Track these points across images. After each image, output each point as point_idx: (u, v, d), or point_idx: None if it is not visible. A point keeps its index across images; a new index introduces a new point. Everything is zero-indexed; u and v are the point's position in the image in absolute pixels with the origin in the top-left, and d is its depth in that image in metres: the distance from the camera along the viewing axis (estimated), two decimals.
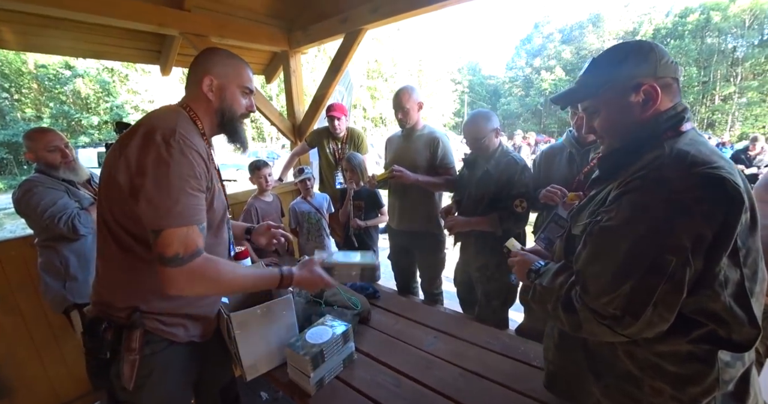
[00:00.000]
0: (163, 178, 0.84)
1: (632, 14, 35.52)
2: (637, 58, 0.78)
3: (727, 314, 0.67)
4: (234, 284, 0.98)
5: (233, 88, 1.04)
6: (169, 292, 0.88)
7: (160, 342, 0.99)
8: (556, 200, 1.42)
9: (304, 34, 2.76)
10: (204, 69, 1.01)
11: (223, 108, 1.04)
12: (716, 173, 0.65)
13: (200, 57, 1.05)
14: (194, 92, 1.02)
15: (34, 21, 2.10)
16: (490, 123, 1.67)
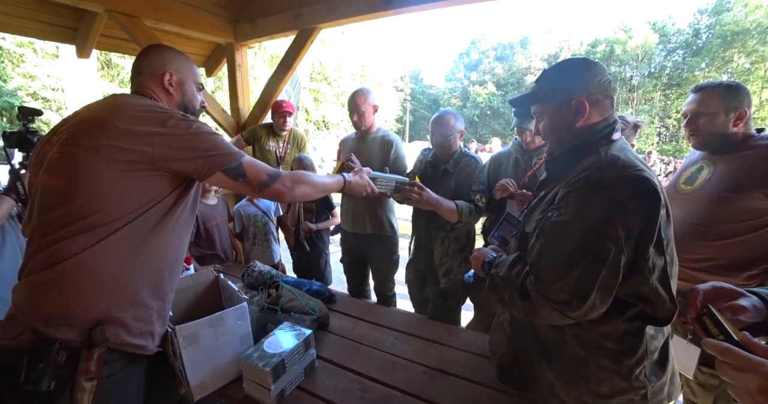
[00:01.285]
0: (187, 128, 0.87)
1: (554, 39, 40.01)
2: (575, 76, 0.90)
3: (654, 295, 0.80)
4: (321, 182, 1.17)
5: (191, 84, 1.06)
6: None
7: (118, 360, 0.87)
8: (510, 189, 1.54)
9: (252, 27, 2.62)
10: (162, 64, 1.00)
11: (186, 103, 1.06)
12: (642, 174, 0.78)
13: (153, 52, 1.04)
14: (154, 86, 1.00)
15: None
16: (459, 124, 1.72)
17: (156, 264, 0.92)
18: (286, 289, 1.41)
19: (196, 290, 1.35)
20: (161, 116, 0.87)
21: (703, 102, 1.31)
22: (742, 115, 1.27)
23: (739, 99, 1.27)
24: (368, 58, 30.58)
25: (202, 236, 2.10)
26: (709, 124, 1.30)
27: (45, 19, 2.31)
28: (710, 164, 1.36)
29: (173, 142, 0.85)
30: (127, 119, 0.83)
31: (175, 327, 0.98)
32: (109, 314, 0.83)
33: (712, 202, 1.30)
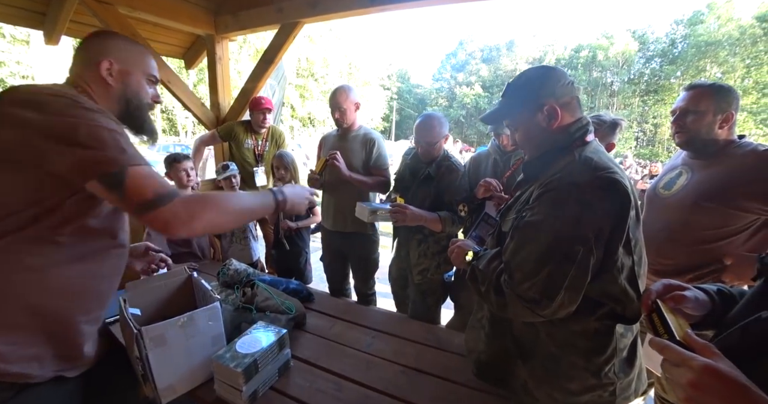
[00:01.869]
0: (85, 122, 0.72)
1: (539, 43, 40.76)
2: (540, 84, 0.92)
3: (623, 294, 0.82)
4: (239, 206, 0.89)
5: (138, 75, 0.96)
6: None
7: (4, 389, 0.75)
8: (494, 188, 1.51)
9: (233, 19, 2.55)
10: (100, 51, 0.91)
11: (129, 96, 0.95)
12: (613, 176, 0.79)
13: (94, 38, 0.95)
14: (88, 75, 0.90)
15: None
16: (444, 129, 1.71)
17: (44, 295, 0.78)
18: (262, 288, 1.38)
19: (167, 290, 1.30)
20: (49, 99, 0.73)
21: (694, 100, 1.30)
22: (729, 118, 1.27)
23: (728, 101, 1.27)
24: (356, 55, 30.39)
25: None
26: (696, 122, 1.30)
27: (11, 2, 2.18)
28: (689, 170, 1.38)
29: (50, 130, 0.70)
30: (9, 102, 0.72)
31: (141, 328, 0.94)
32: None
33: (685, 208, 1.32)
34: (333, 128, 2.24)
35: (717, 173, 1.28)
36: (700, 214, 1.29)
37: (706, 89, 1.29)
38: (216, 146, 2.86)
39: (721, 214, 1.26)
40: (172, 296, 1.31)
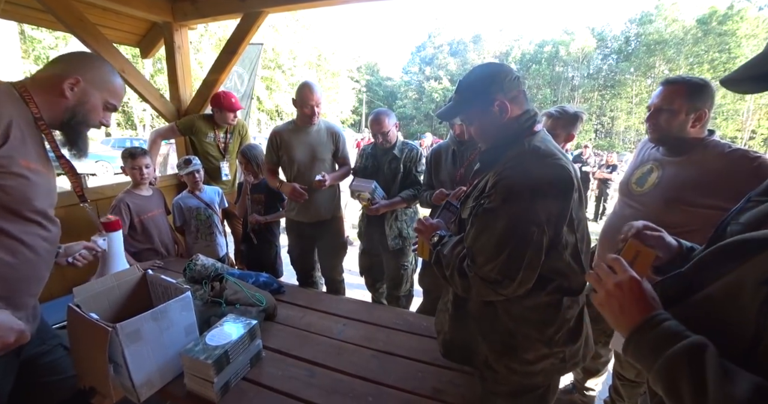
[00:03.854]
0: None
1: (506, 38, 41.76)
2: (490, 80, 0.97)
3: (568, 268, 0.90)
4: None
5: (97, 99, 1.05)
6: None
7: None
8: (445, 195, 1.69)
9: (193, 7, 2.44)
10: (77, 68, 1.01)
11: (77, 110, 1.03)
12: (559, 163, 0.87)
13: (79, 55, 1.06)
14: (47, 82, 0.99)
15: None
16: (392, 119, 2.04)
17: None
18: (231, 281, 1.38)
19: (121, 291, 1.24)
20: None
21: (668, 98, 1.27)
22: (702, 117, 1.25)
23: (702, 100, 1.24)
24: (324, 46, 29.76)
25: (137, 229, 1.95)
26: (669, 121, 1.28)
27: None
28: (660, 166, 1.37)
29: None
30: None
31: (116, 326, 0.92)
32: None
33: (659, 207, 1.32)
34: (286, 121, 2.21)
35: (687, 173, 1.29)
36: (671, 212, 1.29)
37: (680, 86, 1.26)
38: (178, 140, 2.75)
39: (691, 213, 1.26)
40: (128, 299, 1.26)
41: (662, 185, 1.34)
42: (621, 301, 0.58)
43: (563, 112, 1.80)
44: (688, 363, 0.47)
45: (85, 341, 1.00)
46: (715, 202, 1.19)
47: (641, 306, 0.56)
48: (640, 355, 0.54)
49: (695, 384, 0.45)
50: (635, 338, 0.55)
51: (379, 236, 2.09)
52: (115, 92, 1.09)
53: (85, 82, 1.01)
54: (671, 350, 0.49)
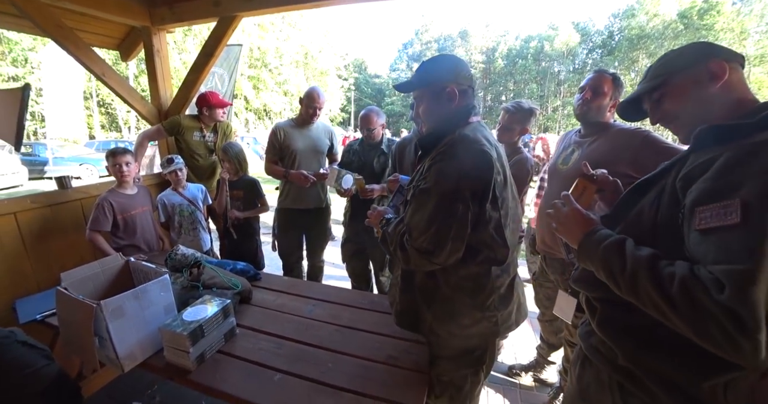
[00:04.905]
0: None
1: (492, 34, 42.00)
2: (448, 68, 1.11)
3: (492, 240, 1.04)
4: None
5: None
6: None
7: None
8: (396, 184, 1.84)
9: (170, 11, 2.53)
10: None
11: None
12: (481, 148, 1.00)
13: None
14: None
15: None
16: (381, 118, 2.27)
17: None
18: (209, 268, 1.50)
19: (106, 277, 1.38)
20: None
21: (599, 83, 1.53)
22: (616, 103, 1.53)
23: (619, 91, 1.54)
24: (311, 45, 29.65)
25: (119, 226, 2.06)
26: (598, 101, 1.53)
27: None
28: (579, 146, 1.64)
29: None
30: None
31: (101, 302, 1.04)
32: None
33: None
34: (286, 119, 2.55)
35: (599, 147, 1.55)
36: None
37: (608, 77, 1.54)
38: (161, 141, 2.84)
39: None
40: (111, 284, 1.39)
41: (582, 160, 1.54)
42: (569, 225, 0.87)
43: (518, 107, 1.96)
44: (616, 247, 0.73)
45: (72, 319, 1.12)
46: (621, 169, 1.43)
47: (583, 226, 0.83)
48: (586, 254, 0.79)
49: (620, 256, 0.71)
50: (583, 244, 0.81)
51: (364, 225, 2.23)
52: None
53: None
54: (606, 242, 0.75)
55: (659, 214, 0.75)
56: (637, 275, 0.66)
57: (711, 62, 0.76)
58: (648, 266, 0.66)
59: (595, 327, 0.87)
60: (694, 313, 0.58)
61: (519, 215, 1.20)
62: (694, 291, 0.58)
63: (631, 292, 0.68)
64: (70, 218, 2.21)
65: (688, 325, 0.60)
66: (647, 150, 1.42)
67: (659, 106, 0.86)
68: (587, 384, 0.91)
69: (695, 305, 0.58)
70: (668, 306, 0.61)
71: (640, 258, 0.68)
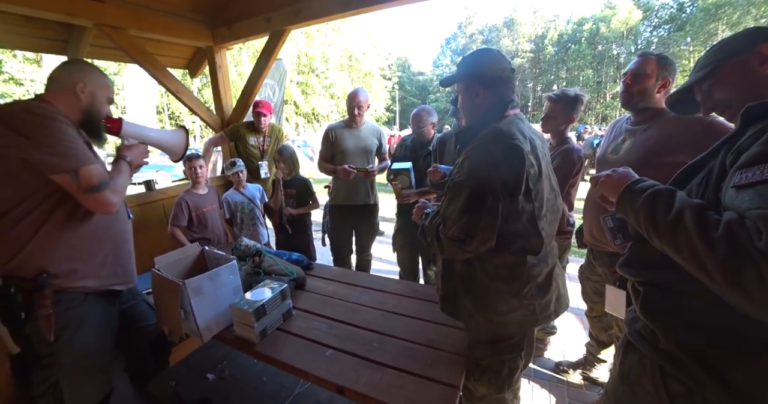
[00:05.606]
0: (48, 134, 1.07)
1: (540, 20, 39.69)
2: (475, 65, 1.16)
3: (525, 231, 1.08)
4: (123, 180, 1.27)
5: (101, 96, 1.30)
6: (109, 211, 1.16)
7: (74, 297, 1.18)
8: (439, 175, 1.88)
9: (228, 31, 2.83)
10: (79, 75, 1.25)
11: (91, 109, 1.28)
12: (513, 142, 1.03)
13: (74, 65, 1.29)
14: (61, 90, 1.23)
15: None
16: (432, 117, 2.33)
17: (67, 243, 1.17)
18: (268, 256, 1.70)
19: (186, 263, 1.63)
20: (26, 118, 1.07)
21: (642, 65, 1.46)
22: (666, 84, 1.44)
23: (669, 70, 1.44)
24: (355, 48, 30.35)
25: (194, 222, 2.37)
26: (641, 84, 1.46)
27: (36, 34, 2.51)
28: (631, 135, 1.55)
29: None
30: None
31: (185, 281, 1.26)
32: (52, 266, 1.13)
33: (632, 166, 1.51)
34: (336, 120, 2.70)
35: (654, 135, 1.47)
36: (644, 170, 1.44)
37: (653, 57, 1.47)
38: (224, 146, 3.19)
39: (657, 170, 1.34)
40: (190, 269, 1.63)
41: (635, 149, 1.49)
42: (614, 179, 0.88)
43: (563, 95, 1.90)
44: (667, 192, 0.73)
45: (164, 294, 1.36)
46: (679, 159, 1.30)
47: (626, 178, 0.85)
48: (629, 200, 0.80)
49: (669, 199, 0.71)
50: (628, 189, 0.81)
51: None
52: (111, 89, 1.34)
53: (89, 85, 1.25)
54: (657, 187, 0.76)
55: (707, 193, 0.74)
56: (682, 216, 0.66)
57: (761, 46, 0.77)
58: (697, 210, 0.65)
59: (638, 310, 0.87)
60: (733, 257, 0.58)
61: (558, 206, 1.21)
62: (740, 235, 0.58)
63: (669, 234, 0.68)
64: (155, 215, 2.58)
65: (721, 271, 0.59)
66: (712, 137, 1.32)
67: (710, 96, 0.86)
68: (629, 369, 0.92)
69: (737, 248, 0.57)
70: (706, 249, 0.61)
71: (691, 203, 0.68)
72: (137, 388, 1.64)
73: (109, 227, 1.27)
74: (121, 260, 1.32)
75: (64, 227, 1.15)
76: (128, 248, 1.37)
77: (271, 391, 2.03)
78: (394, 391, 1.09)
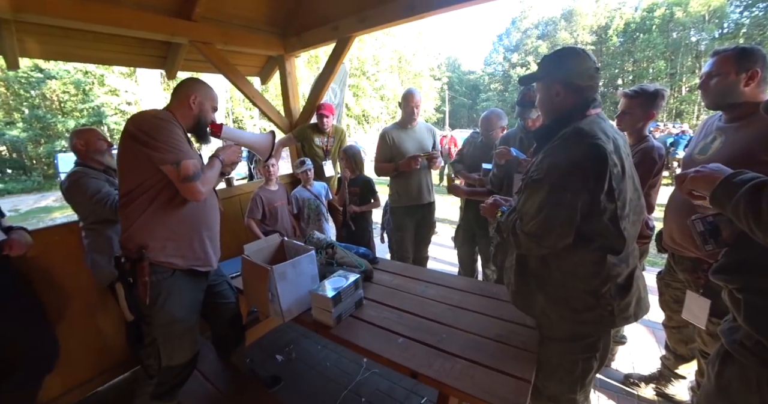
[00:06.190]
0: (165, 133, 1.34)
1: (603, 9, 36.79)
2: (558, 65, 1.16)
3: (606, 230, 1.06)
4: (213, 175, 1.49)
5: (207, 106, 1.55)
6: (197, 198, 1.38)
7: (164, 271, 1.39)
8: (507, 152, 1.92)
9: (298, 40, 3.05)
10: (192, 90, 1.51)
11: (199, 116, 1.52)
12: (595, 142, 1.03)
13: (189, 82, 1.54)
14: (179, 102, 1.49)
15: (57, 32, 2.33)
16: (501, 121, 2.36)
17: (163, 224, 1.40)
18: (340, 248, 1.83)
19: (269, 251, 1.82)
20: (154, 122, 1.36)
21: (716, 64, 1.37)
22: (754, 75, 1.31)
23: (752, 60, 1.31)
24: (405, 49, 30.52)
25: (266, 215, 2.60)
26: (718, 84, 1.36)
27: (142, 52, 2.93)
28: (722, 134, 1.43)
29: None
30: None
31: (272, 267, 1.42)
32: (146, 245, 1.36)
33: None
34: (388, 123, 2.77)
35: (746, 136, 1.33)
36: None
37: (728, 53, 1.36)
38: (291, 147, 3.44)
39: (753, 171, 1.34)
40: (273, 256, 1.82)
41: (725, 149, 1.37)
42: (709, 172, 0.85)
43: (641, 91, 1.80)
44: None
45: (253, 278, 1.53)
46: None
47: (721, 172, 0.82)
48: (727, 192, 0.78)
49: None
50: (722, 184, 0.80)
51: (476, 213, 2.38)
52: (215, 98, 1.57)
53: (199, 97, 1.49)
54: (758, 179, 0.73)
55: None
56: None
57: None
58: None
59: (741, 320, 0.83)
60: None
61: (641, 206, 1.18)
62: None
63: None
64: (233, 209, 2.87)
65: None
66: None
67: None
68: (729, 382, 0.87)
69: None
70: None
71: None
72: (222, 358, 1.87)
73: (198, 215, 1.49)
74: (204, 246, 1.51)
75: (164, 210, 1.39)
76: (212, 236, 1.56)
77: (334, 376, 2.17)
78: (466, 380, 1.14)
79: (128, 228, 1.37)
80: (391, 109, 27.14)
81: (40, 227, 2.15)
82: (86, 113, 17.97)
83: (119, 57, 2.90)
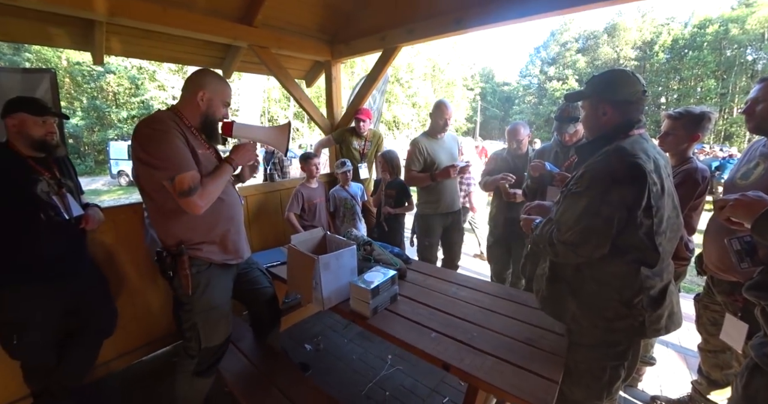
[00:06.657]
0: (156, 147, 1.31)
1: (649, 25, 35.45)
2: (606, 86, 1.22)
3: (641, 244, 1.11)
4: (216, 185, 1.43)
5: (217, 101, 1.49)
6: (196, 212, 1.35)
7: (202, 264, 1.48)
8: (541, 167, 2.00)
9: (346, 47, 3.22)
10: (200, 85, 1.46)
11: (208, 113, 1.48)
12: (635, 161, 1.08)
13: (195, 75, 1.48)
14: (187, 99, 1.47)
15: (138, 33, 2.60)
16: (526, 130, 2.53)
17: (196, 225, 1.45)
18: (377, 245, 1.93)
19: (313, 242, 1.95)
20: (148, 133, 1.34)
21: (763, 90, 1.37)
22: None
23: None
24: (439, 58, 30.64)
25: (306, 211, 2.75)
26: (765, 109, 1.37)
27: (206, 53, 3.19)
28: (765, 160, 1.42)
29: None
30: None
31: (318, 257, 1.54)
32: (187, 239, 1.44)
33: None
34: (419, 131, 2.92)
35: None
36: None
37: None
38: (330, 148, 3.61)
39: None
40: (315, 248, 1.94)
41: (766, 177, 1.37)
42: (748, 201, 0.94)
43: (686, 113, 1.80)
44: None
45: (299, 266, 1.66)
46: None
47: (764, 201, 0.91)
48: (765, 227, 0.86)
49: None
50: (766, 214, 0.87)
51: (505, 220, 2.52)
52: (226, 93, 1.50)
53: (207, 92, 1.44)
54: None
55: None
56: None
57: None
58: None
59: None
60: None
61: (679, 224, 1.21)
62: None
63: None
64: (272, 203, 3.05)
65: None
66: None
67: None
68: (756, 391, 0.90)
69: None
70: None
71: None
72: (259, 339, 2.01)
73: (224, 214, 1.54)
74: (234, 243, 1.59)
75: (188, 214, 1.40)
76: (239, 231, 1.63)
77: (359, 369, 2.27)
78: (496, 375, 1.20)
79: (165, 225, 1.44)
80: (422, 117, 27.24)
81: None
82: (137, 105, 19.25)
83: (185, 57, 3.18)
